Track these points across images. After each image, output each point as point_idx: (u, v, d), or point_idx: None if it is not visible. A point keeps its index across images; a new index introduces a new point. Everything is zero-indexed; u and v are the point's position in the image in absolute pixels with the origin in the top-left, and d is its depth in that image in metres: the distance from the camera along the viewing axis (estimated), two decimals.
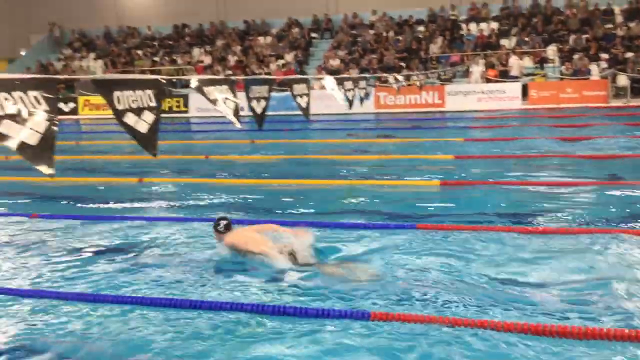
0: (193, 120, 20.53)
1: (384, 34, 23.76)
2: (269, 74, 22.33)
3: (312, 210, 6.97)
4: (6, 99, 1.74)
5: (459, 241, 5.58)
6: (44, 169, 1.81)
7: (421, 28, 23.87)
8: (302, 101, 4.32)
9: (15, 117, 1.76)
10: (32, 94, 1.82)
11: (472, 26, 23.34)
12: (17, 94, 1.76)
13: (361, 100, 6.02)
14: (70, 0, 28.05)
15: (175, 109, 22.37)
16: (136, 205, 7.69)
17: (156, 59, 25.44)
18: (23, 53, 28.39)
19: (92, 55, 26.58)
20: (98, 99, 23.34)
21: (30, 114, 1.80)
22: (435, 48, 22.36)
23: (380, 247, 5.56)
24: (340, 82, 4.89)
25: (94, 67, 25.67)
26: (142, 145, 2.38)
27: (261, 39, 25.22)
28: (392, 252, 5.41)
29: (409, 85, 18.64)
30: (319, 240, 5.37)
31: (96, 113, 22.95)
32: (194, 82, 2.79)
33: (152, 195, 8.38)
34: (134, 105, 2.31)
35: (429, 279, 4.71)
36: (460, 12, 24.14)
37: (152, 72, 24.63)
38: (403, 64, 21.73)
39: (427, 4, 24.21)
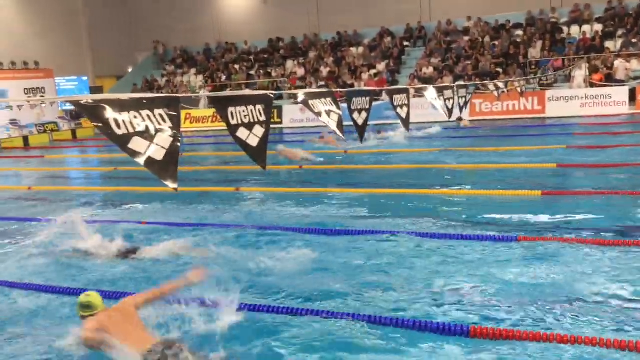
0: (286, 131, 20.96)
1: (480, 39, 23.18)
2: (352, 84, 22.45)
3: (407, 220, 6.91)
4: (135, 117, 1.87)
5: (563, 254, 5.34)
6: (168, 182, 1.93)
7: (519, 32, 23.06)
8: (402, 112, 4.29)
9: (144, 134, 1.90)
10: (158, 112, 1.95)
11: (574, 29, 22.25)
12: (145, 112, 1.90)
13: (460, 108, 5.91)
14: (173, 20, 29.67)
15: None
16: (233, 213, 7.99)
17: (252, 72, 26.30)
18: (130, 70, 30.30)
19: (192, 70, 27.89)
20: (201, 112, 24.49)
21: (156, 130, 1.93)
22: (534, 52, 21.51)
23: (479, 259, 5.44)
24: (440, 91, 4.83)
25: (194, 82, 26.92)
26: (252, 158, 2.47)
27: (353, 50, 25.39)
28: (492, 264, 5.28)
29: (508, 91, 18.07)
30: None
31: (197, 126, 24.06)
32: (300, 96, 2.86)
33: (247, 203, 8.66)
34: (245, 120, 2.41)
35: (530, 294, 4.55)
36: (560, 15, 23.09)
37: (248, 85, 25.49)
38: (500, 70, 21.08)
39: (525, 7, 23.37)
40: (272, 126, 21.42)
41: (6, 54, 23.88)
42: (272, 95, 2.57)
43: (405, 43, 25.15)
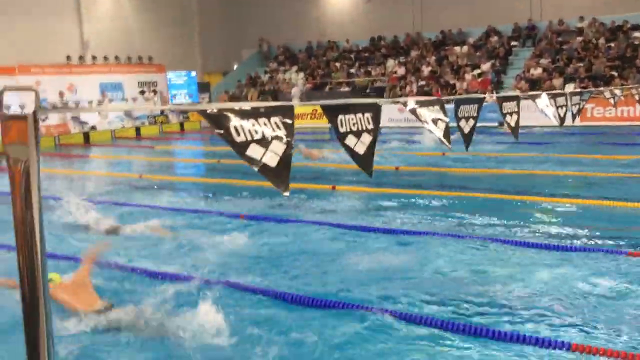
0: (384, 131, 20.88)
1: (594, 40, 21.88)
2: (453, 84, 21.92)
3: (505, 229, 6.70)
4: (253, 124, 1.95)
5: None
6: (281, 188, 2.00)
7: (637, 34, 21.52)
8: (511, 120, 4.14)
9: (261, 142, 1.97)
10: (274, 119, 2.03)
11: None
12: (262, 120, 1.98)
13: (573, 116, 5.63)
14: (279, 18, 30.40)
15: None
16: (328, 210, 8.12)
17: (352, 70, 26.42)
18: (235, 66, 31.41)
19: (294, 68, 28.46)
20: (298, 109, 24.97)
21: (272, 138, 2.00)
22: None
23: (586, 274, 5.18)
24: (552, 97, 4.62)
25: (296, 79, 27.46)
26: (359, 165, 2.50)
27: (457, 49, 24.81)
28: (597, 279, 5.02)
29: (624, 97, 16.92)
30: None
31: (295, 122, 24.52)
32: (411, 104, 2.85)
33: (344, 202, 8.73)
34: (354, 128, 2.45)
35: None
36: None
37: (348, 83, 25.65)
38: (615, 74, 19.79)
39: None
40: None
41: (123, 49, 25.56)
42: (381, 105, 2.58)
43: (513, 42, 24.24)
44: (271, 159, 1.94)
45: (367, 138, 2.43)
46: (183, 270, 5.67)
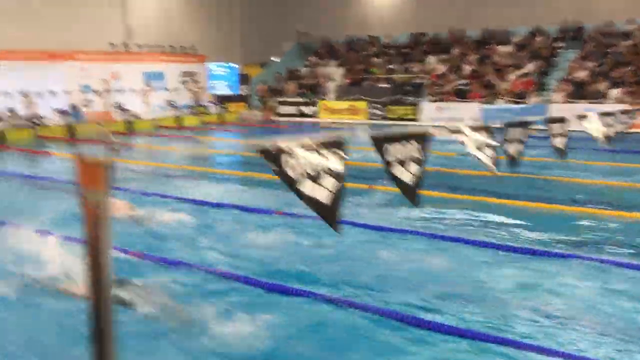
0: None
1: None
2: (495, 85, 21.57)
3: (554, 241, 6.60)
4: (305, 159, 2.00)
5: None
6: (332, 224, 2.04)
7: None
8: (559, 142, 4.07)
9: (312, 177, 2.02)
10: (326, 153, 2.07)
11: None
12: (314, 154, 2.03)
13: (620, 134, 5.49)
14: (319, 12, 30.39)
15: (405, 117, 22.86)
16: (365, 210, 8.13)
17: (392, 66, 26.26)
18: (274, 59, 31.55)
19: (333, 62, 28.44)
20: (335, 104, 25.00)
21: (323, 173, 2.05)
22: None
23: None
24: (601, 117, 4.53)
25: (335, 73, 27.45)
26: (404, 194, 2.53)
27: (500, 48, 24.39)
28: None
29: None
30: None
31: (332, 117, 24.59)
32: (463, 129, 2.84)
33: (381, 202, 8.71)
34: (401, 157, 2.47)
35: None
36: None
37: (387, 79, 25.51)
38: None
39: None
40: (407, 123, 21.46)
41: (166, 38, 25.96)
42: (430, 135, 2.60)
43: (558, 43, 23.71)
44: (323, 194, 1.99)
45: (413, 167, 2.45)
46: (217, 265, 5.81)
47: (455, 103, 22.17)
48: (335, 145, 2.10)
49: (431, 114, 22.21)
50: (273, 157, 1.90)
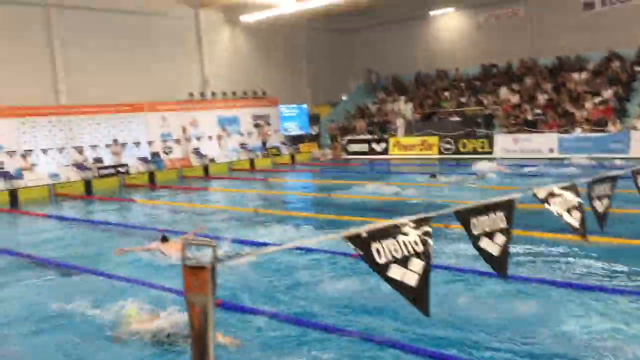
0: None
1: None
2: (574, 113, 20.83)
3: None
4: (394, 244, 2.04)
5: None
6: (421, 307, 2.05)
7: None
8: (601, 206, 3.73)
9: (400, 261, 2.05)
10: (413, 237, 2.10)
11: None
12: (401, 238, 2.06)
13: None
14: (386, 50, 30.72)
15: (479, 150, 22.45)
16: (441, 249, 7.96)
17: (462, 99, 25.99)
18: (344, 98, 32.00)
19: (402, 98, 28.49)
20: (406, 140, 24.94)
21: (410, 256, 2.07)
22: None
23: None
24: None
25: (405, 109, 27.46)
26: (492, 266, 2.50)
27: (575, 75, 23.66)
28: None
29: None
30: None
31: (403, 153, 24.51)
32: (541, 193, 2.78)
33: (456, 241, 8.50)
34: (487, 229, 2.45)
35: None
36: None
37: (457, 112, 25.23)
38: None
39: None
40: (481, 156, 21.04)
41: (239, 85, 27.00)
42: (516, 202, 2.57)
43: (637, 67, 22.72)
44: (411, 278, 2.01)
45: (500, 238, 2.42)
46: (289, 308, 5.85)
47: (530, 134, 21.58)
48: (422, 223, 2.12)
49: (506, 145, 21.73)
50: (360, 243, 1.95)
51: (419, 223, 2.13)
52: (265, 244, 8.76)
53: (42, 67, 21.21)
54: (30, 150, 19.68)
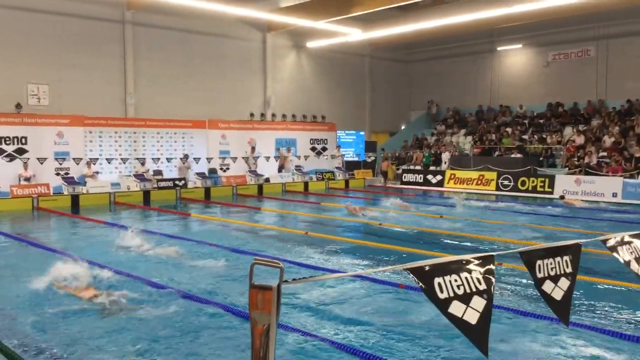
0: (555, 202, 19.65)
1: None
2: None
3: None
4: (456, 280, 2.02)
5: None
6: (480, 346, 2.01)
7: None
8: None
9: (462, 297, 2.02)
10: (475, 274, 2.07)
11: None
12: (464, 275, 2.03)
13: None
14: (449, 83, 30.58)
15: (539, 189, 21.86)
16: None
17: (525, 136, 25.47)
18: (402, 127, 31.95)
19: (462, 131, 28.17)
20: (464, 174, 24.56)
21: (472, 293, 2.04)
22: None
23: None
24: None
25: (463, 143, 27.13)
26: (555, 312, 2.42)
27: None
28: None
29: None
30: None
31: (459, 187, 24.12)
32: (611, 242, 2.69)
33: (507, 279, 8.26)
34: (552, 273, 2.39)
35: None
36: None
37: (518, 149, 24.72)
38: None
39: None
40: (541, 196, 20.49)
41: (300, 108, 27.43)
42: (581, 245, 2.50)
43: None
44: (471, 315, 1.97)
45: (565, 283, 2.35)
46: (340, 339, 5.80)
47: (593, 176, 20.88)
48: (482, 263, 2.09)
49: (567, 186, 21.06)
50: (422, 276, 1.93)
51: (483, 260, 2.10)
52: (324, 269, 8.80)
53: (113, 80, 22.19)
54: (96, 159, 20.51)
